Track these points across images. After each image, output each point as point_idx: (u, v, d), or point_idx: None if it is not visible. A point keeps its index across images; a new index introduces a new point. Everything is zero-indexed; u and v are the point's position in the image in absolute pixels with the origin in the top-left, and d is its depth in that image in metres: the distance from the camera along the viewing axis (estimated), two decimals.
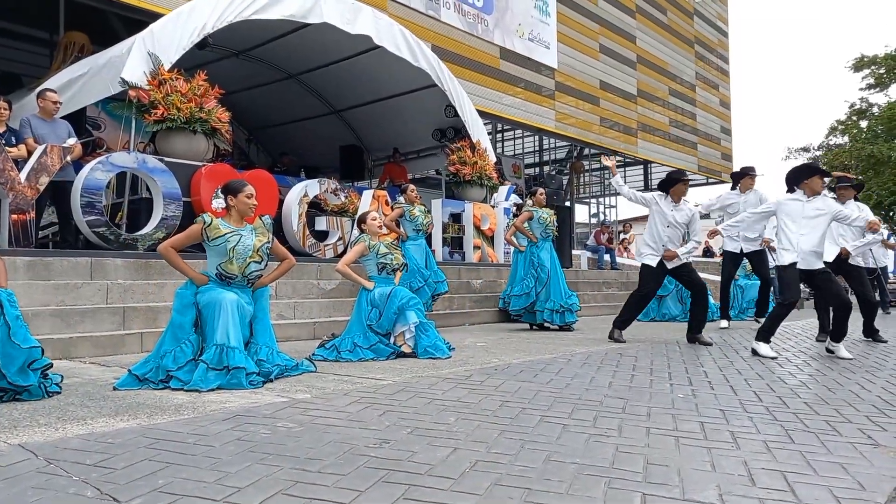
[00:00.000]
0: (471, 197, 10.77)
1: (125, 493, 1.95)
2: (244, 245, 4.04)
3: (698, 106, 23.52)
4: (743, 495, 2.03)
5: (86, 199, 6.20)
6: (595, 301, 11.14)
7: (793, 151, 33.98)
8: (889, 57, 29.27)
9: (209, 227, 4.01)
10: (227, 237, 4.01)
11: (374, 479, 2.09)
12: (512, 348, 5.69)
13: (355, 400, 3.31)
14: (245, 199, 4.14)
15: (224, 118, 7.28)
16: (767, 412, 3.21)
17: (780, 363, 4.94)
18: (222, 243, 3.99)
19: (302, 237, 8.30)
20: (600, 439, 2.64)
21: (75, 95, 7.39)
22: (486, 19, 14.97)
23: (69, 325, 5.02)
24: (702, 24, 24.23)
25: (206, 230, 4.00)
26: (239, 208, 4.14)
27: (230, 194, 4.16)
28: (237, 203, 4.14)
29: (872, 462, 2.42)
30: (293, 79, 12.08)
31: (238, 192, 4.14)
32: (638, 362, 4.83)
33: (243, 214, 4.17)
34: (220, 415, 2.96)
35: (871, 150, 27.19)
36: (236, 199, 4.14)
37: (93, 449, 2.40)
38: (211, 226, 4.01)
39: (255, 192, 4.22)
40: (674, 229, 6.10)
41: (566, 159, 23.62)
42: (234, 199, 4.14)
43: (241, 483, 2.03)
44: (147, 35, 7.03)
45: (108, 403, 3.21)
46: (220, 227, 4.03)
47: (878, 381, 4.19)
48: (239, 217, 4.16)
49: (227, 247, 3.99)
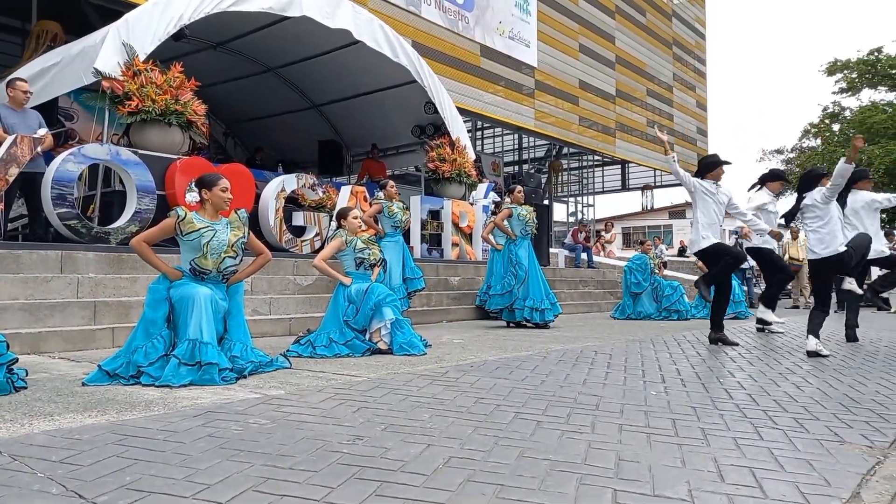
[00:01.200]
0: (450, 194, 10.77)
1: (91, 490, 1.91)
2: (219, 240, 3.99)
3: (675, 107, 23.79)
4: (712, 491, 2.06)
5: (57, 192, 6.08)
6: (572, 299, 11.22)
7: (767, 153, 34.52)
8: (861, 62, 29.87)
9: (183, 221, 3.94)
10: (201, 232, 3.95)
11: (346, 476, 2.08)
12: (488, 345, 5.70)
13: (329, 396, 3.30)
14: (220, 192, 4.07)
15: (200, 111, 7.19)
16: (738, 409, 3.25)
17: (750, 361, 5.02)
18: (196, 238, 3.93)
19: (279, 232, 8.24)
20: (573, 436, 2.66)
21: (47, 85, 7.24)
22: (467, 16, 14.98)
23: (38, 319, 4.92)
24: (680, 26, 24.50)
25: (179, 224, 3.93)
26: (213, 202, 4.08)
27: (204, 188, 4.10)
28: (211, 197, 4.07)
29: (838, 458, 2.46)
30: (272, 72, 11.97)
31: (212, 185, 4.08)
32: (612, 360, 4.88)
33: (218, 208, 4.10)
34: (192, 411, 2.92)
35: (842, 153, 27.69)
36: (211, 192, 4.07)
37: (59, 445, 2.35)
38: (185, 220, 3.95)
39: (230, 186, 4.16)
40: (722, 209, 6.18)
41: (545, 158, 23.75)
42: (209, 192, 4.07)
43: (210, 480, 2.01)
44: (122, 25, 6.91)
45: (76, 399, 3.16)
46: (194, 221, 3.97)
47: (845, 379, 4.27)
48: (213, 211, 4.09)
49: (202, 242, 3.93)
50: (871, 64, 29.75)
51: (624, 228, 39.70)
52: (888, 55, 29.37)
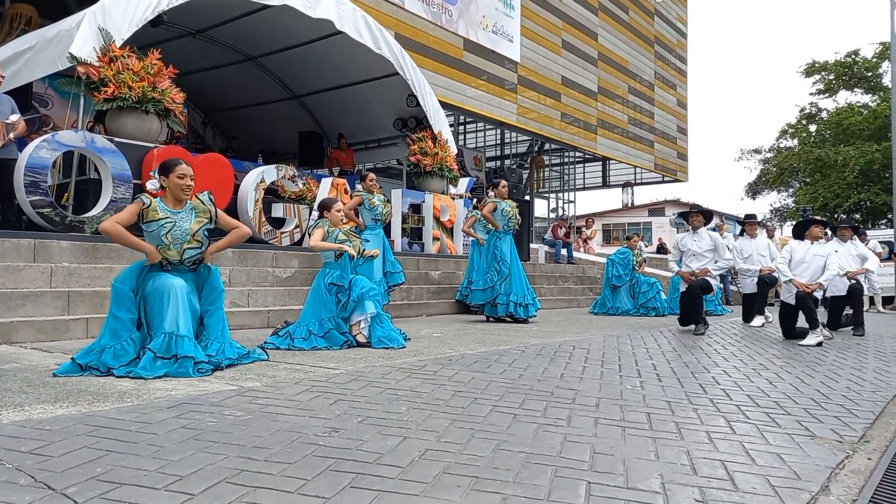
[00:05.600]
0: (431, 188, 10.74)
1: (61, 481, 1.88)
2: (181, 230, 3.86)
3: (656, 105, 23.95)
4: (684, 484, 2.08)
5: (30, 179, 5.96)
6: (551, 294, 11.28)
7: (745, 153, 35.07)
8: (839, 64, 30.36)
9: (147, 208, 3.82)
10: (161, 222, 3.82)
11: (321, 468, 2.07)
12: (468, 339, 5.71)
13: (306, 389, 3.28)
14: (177, 179, 3.88)
15: (178, 99, 7.08)
16: (711, 404, 3.29)
17: (725, 357, 5.09)
18: (156, 229, 3.82)
19: (258, 224, 8.16)
20: (549, 429, 2.67)
21: (21, 70, 7.07)
22: (451, 10, 14.92)
23: (10, 308, 4.82)
24: (662, 25, 24.65)
25: (143, 211, 3.81)
26: (171, 189, 3.91)
27: (162, 174, 3.92)
28: (169, 184, 3.90)
29: (808, 453, 2.51)
30: (252, 61, 11.82)
31: (169, 171, 3.89)
32: (590, 354, 4.91)
33: (176, 196, 3.94)
34: (166, 402, 2.89)
35: (818, 154, 28.20)
36: (168, 179, 3.90)
37: (29, 436, 2.31)
38: (150, 208, 3.82)
39: (190, 172, 3.95)
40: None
41: (527, 153, 23.79)
42: (167, 179, 3.90)
43: (183, 471, 1.99)
44: (98, 9, 6.77)
45: (47, 390, 3.10)
46: (157, 210, 3.84)
47: (817, 375, 4.35)
48: (174, 199, 3.94)
49: (162, 232, 3.82)
50: (849, 66, 30.27)
51: (604, 225, 39.95)
52: (865, 58, 29.90)
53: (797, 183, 32.20)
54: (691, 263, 7.22)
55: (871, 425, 3.04)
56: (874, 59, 29.47)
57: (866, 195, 27.32)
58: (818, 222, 6.90)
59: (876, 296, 12.44)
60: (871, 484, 2.27)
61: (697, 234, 7.29)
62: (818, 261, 6.62)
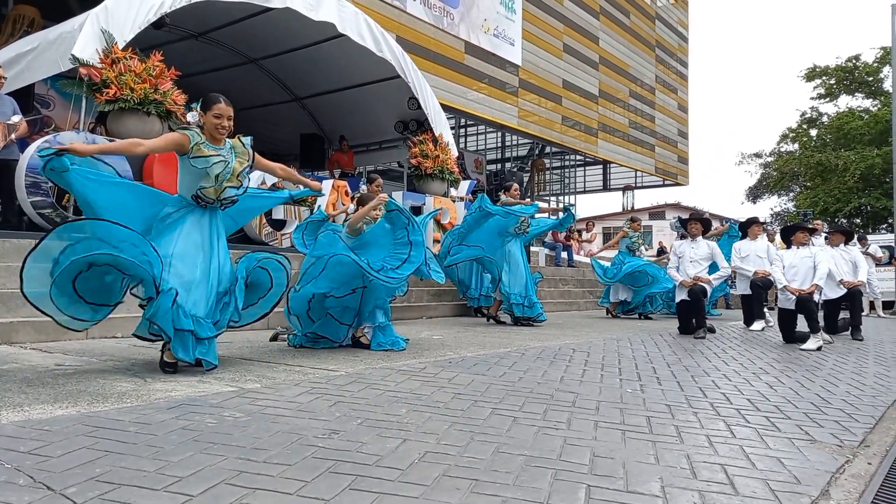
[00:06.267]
0: (432, 190, 10.75)
1: (60, 482, 1.88)
2: (227, 169, 3.77)
3: (657, 109, 23.97)
4: (684, 487, 2.08)
5: (31, 180, 5.97)
6: (551, 297, 11.27)
7: (746, 157, 35.11)
8: (840, 68, 30.38)
9: (199, 144, 3.68)
10: (212, 160, 3.69)
11: (320, 470, 2.06)
12: (468, 342, 5.71)
13: (306, 390, 3.28)
14: (213, 118, 3.75)
15: (180, 101, 7.10)
16: (711, 408, 3.29)
17: (725, 361, 5.08)
18: (205, 166, 3.69)
19: (258, 225, 8.17)
20: (549, 432, 2.67)
21: (23, 71, 7.09)
22: (452, 13, 14.95)
23: (10, 309, 4.83)
24: (663, 29, 24.68)
25: (193, 146, 3.67)
26: (207, 126, 3.77)
27: (201, 109, 3.80)
28: (206, 120, 3.76)
29: (808, 457, 2.50)
30: (254, 63, 11.84)
31: (208, 108, 3.76)
32: (590, 357, 4.91)
33: (212, 134, 3.79)
34: (165, 403, 2.88)
35: (819, 158, 28.22)
36: (206, 116, 3.75)
37: (28, 436, 2.31)
38: (201, 143, 3.69)
39: (227, 112, 3.80)
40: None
41: (528, 156, 23.80)
42: (204, 116, 3.76)
43: (182, 472, 1.99)
44: (101, 11, 6.78)
45: (47, 390, 3.10)
46: (205, 148, 3.71)
47: (817, 379, 4.34)
48: (210, 136, 3.79)
49: (214, 171, 3.70)
50: (849, 71, 30.29)
51: (605, 228, 39.94)
52: (866, 63, 29.93)
53: (798, 187, 32.23)
54: (688, 270, 7.29)
55: (871, 430, 3.03)
56: (875, 64, 29.51)
57: (867, 200, 27.34)
58: (803, 228, 7.05)
59: (876, 300, 12.43)
60: (871, 488, 2.27)
61: (695, 242, 7.43)
62: (807, 262, 6.72)
